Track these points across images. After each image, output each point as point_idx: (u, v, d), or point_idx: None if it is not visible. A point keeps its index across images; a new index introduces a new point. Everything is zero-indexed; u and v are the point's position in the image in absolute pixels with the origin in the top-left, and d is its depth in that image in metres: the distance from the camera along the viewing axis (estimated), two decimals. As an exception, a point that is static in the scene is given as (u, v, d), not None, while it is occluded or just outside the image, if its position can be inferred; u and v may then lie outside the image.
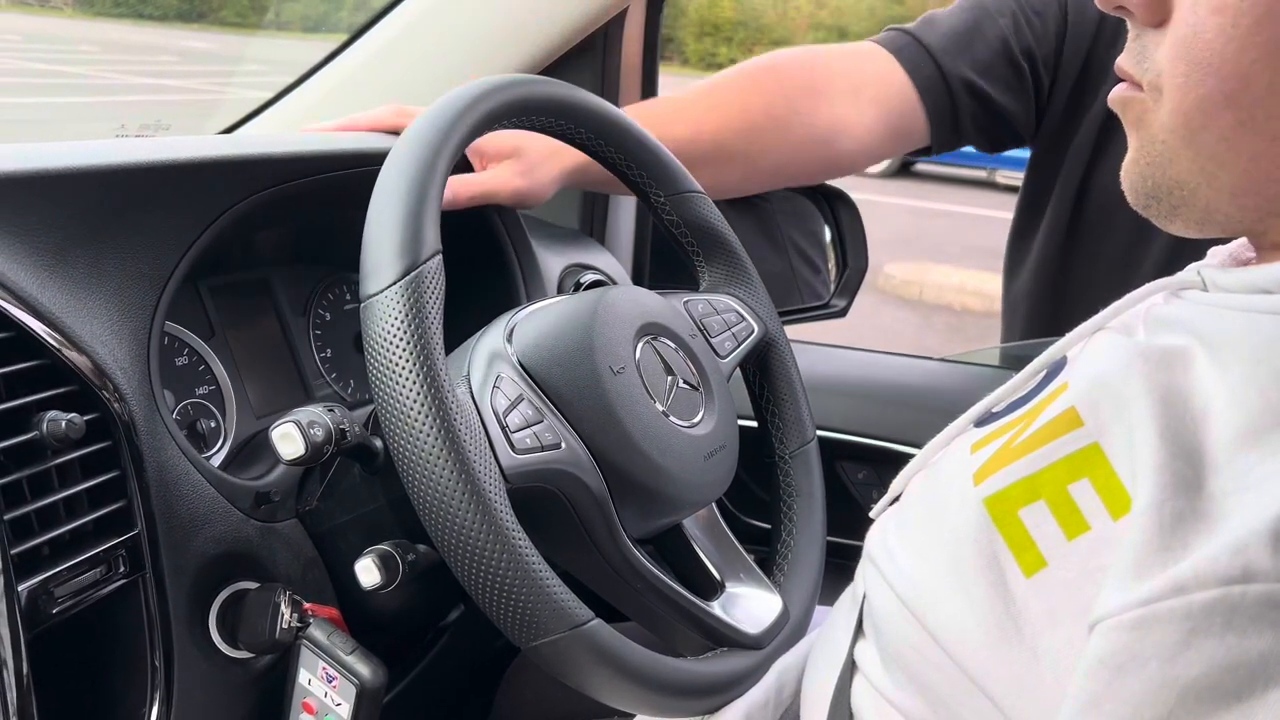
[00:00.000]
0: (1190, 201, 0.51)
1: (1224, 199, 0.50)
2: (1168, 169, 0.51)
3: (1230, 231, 0.53)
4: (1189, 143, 0.50)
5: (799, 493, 0.84)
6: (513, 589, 0.58)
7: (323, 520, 0.78)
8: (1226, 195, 0.50)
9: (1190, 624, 0.39)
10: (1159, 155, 0.52)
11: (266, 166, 0.81)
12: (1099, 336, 0.58)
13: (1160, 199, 0.53)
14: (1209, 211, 0.51)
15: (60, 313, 0.66)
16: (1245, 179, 0.49)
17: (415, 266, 0.61)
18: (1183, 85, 0.49)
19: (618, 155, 0.80)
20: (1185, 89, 0.49)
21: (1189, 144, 0.50)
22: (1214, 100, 0.48)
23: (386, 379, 0.59)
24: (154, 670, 0.68)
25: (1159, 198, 0.53)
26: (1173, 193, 0.52)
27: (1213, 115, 0.48)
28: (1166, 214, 0.53)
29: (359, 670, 0.70)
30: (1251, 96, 0.47)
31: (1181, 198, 0.52)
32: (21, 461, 0.62)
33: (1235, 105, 0.47)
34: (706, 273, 0.86)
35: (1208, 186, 0.50)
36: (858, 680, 0.60)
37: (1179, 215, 0.53)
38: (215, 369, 0.88)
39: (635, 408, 0.69)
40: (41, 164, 0.69)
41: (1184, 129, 0.49)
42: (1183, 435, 0.45)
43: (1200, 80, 0.48)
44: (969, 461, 0.55)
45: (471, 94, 0.69)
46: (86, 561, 0.64)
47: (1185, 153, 0.50)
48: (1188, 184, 0.51)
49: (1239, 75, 0.47)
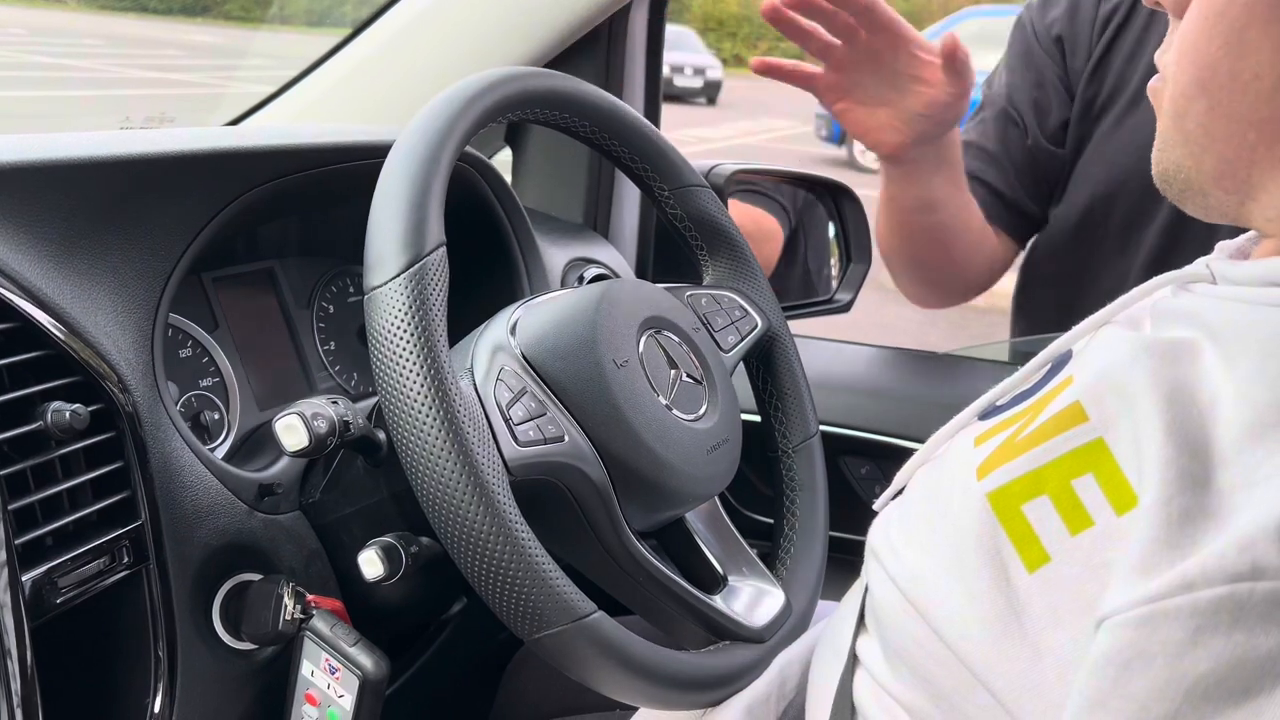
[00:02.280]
0: (1189, 185, 0.54)
1: (1210, 183, 0.53)
2: (1168, 152, 0.55)
3: (1226, 217, 0.55)
4: (1179, 127, 0.53)
5: (802, 487, 0.84)
6: (515, 581, 0.58)
7: (326, 512, 0.78)
8: (1211, 179, 0.53)
9: (1197, 621, 0.39)
10: (1164, 140, 0.55)
11: (271, 159, 0.81)
12: (1105, 330, 0.58)
13: (1170, 182, 0.55)
14: (1204, 195, 0.54)
15: (65, 304, 0.66)
16: (1221, 163, 0.52)
17: (419, 259, 0.61)
18: (1174, 74, 0.53)
19: (621, 149, 0.80)
20: (1176, 77, 0.52)
21: (1179, 128, 0.53)
22: (1192, 86, 0.51)
23: (390, 371, 0.59)
24: (157, 661, 0.69)
25: (1169, 181, 0.55)
26: (1176, 176, 0.55)
27: (1191, 100, 0.52)
28: (1177, 196, 0.56)
29: (362, 662, 0.70)
30: (1218, 83, 0.50)
31: (1184, 181, 0.54)
32: (26, 452, 0.62)
33: (1206, 91, 0.51)
34: (710, 267, 0.86)
35: (1196, 170, 0.53)
36: (860, 674, 0.60)
37: (1186, 199, 0.55)
38: (219, 361, 0.88)
39: (638, 401, 0.69)
40: (46, 155, 0.69)
41: (1174, 114, 0.53)
42: (1190, 430, 0.45)
43: (1184, 68, 0.52)
44: (972, 455, 0.55)
45: (475, 87, 0.69)
46: (90, 552, 0.64)
47: (1177, 137, 0.53)
48: (1184, 166, 0.54)
49: (1208, 63, 0.50)
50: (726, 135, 11.21)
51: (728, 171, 1.18)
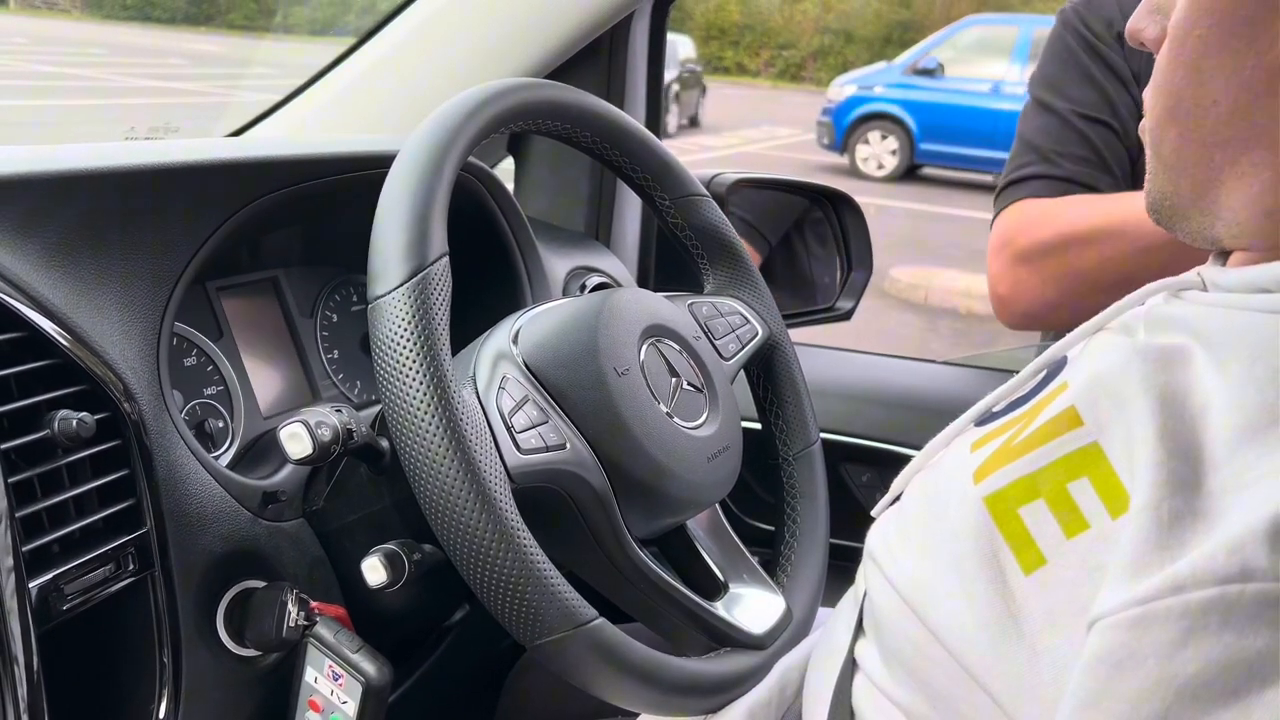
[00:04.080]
0: (1175, 211, 0.55)
1: (1189, 206, 0.54)
2: (1154, 182, 0.56)
3: (1205, 240, 0.56)
4: (1157, 155, 0.55)
5: (802, 494, 0.84)
6: (517, 587, 0.59)
7: (329, 520, 0.79)
8: (1189, 202, 0.54)
9: (1188, 622, 0.40)
10: (1149, 171, 0.56)
11: (275, 169, 0.81)
12: (1099, 336, 0.59)
13: (1159, 211, 0.57)
14: (1186, 219, 0.55)
15: (71, 313, 0.66)
16: (1196, 185, 0.53)
17: (422, 268, 0.61)
18: (1150, 105, 0.55)
19: (623, 159, 0.81)
20: (1150, 108, 0.55)
21: (1157, 156, 0.55)
22: (1164, 116, 0.53)
23: (393, 379, 0.59)
24: (162, 667, 0.69)
25: (1159, 210, 0.57)
26: (1163, 204, 0.56)
27: (1164, 128, 0.54)
28: (1167, 224, 0.57)
29: (365, 668, 0.71)
30: (1184, 110, 0.52)
31: (1169, 208, 0.56)
32: (33, 460, 0.63)
33: (1175, 119, 0.53)
34: (711, 275, 0.87)
35: (1175, 196, 0.55)
36: (858, 678, 0.60)
37: (1175, 226, 0.56)
38: (223, 369, 0.89)
39: (640, 409, 0.69)
40: (53, 166, 0.70)
41: (1153, 145, 0.55)
42: (1181, 434, 0.45)
43: (1156, 99, 0.54)
44: (969, 460, 0.56)
45: (478, 98, 0.69)
46: (96, 559, 0.65)
47: (1159, 165, 0.55)
48: (1168, 195, 0.55)
49: (1174, 92, 0.52)
50: (728, 143, 11.22)
51: (729, 181, 1.19)
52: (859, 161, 9.82)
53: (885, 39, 18.05)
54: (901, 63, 10.39)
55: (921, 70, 9.94)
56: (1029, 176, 1.13)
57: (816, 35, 20.25)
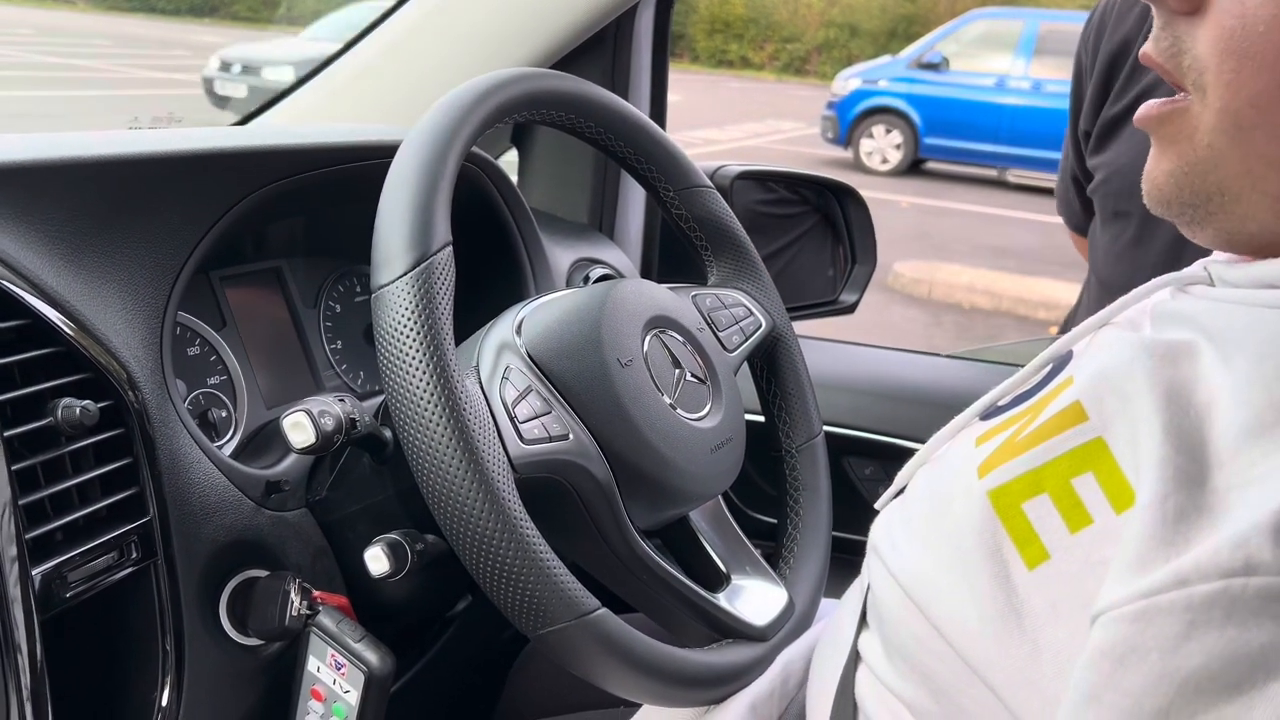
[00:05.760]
0: (1228, 209, 0.50)
1: (1265, 204, 0.49)
2: (1210, 174, 0.50)
3: (1253, 248, 0.51)
4: (1238, 142, 0.48)
5: (805, 487, 0.84)
6: (520, 577, 0.59)
7: (332, 509, 0.79)
8: (1269, 200, 0.48)
9: (1191, 616, 0.40)
10: (1202, 161, 0.50)
11: (279, 158, 0.81)
12: (1105, 331, 0.58)
13: (1197, 206, 0.51)
14: (1243, 220, 0.50)
15: (75, 301, 0.66)
16: None
17: (426, 258, 0.61)
18: (1233, 82, 0.47)
19: (627, 149, 0.80)
20: (1236, 86, 0.47)
21: (1238, 143, 0.48)
22: (1269, 95, 0.46)
23: (396, 369, 0.59)
24: (165, 655, 0.69)
25: (1196, 205, 0.51)
26: (1211, 199, 0.50)
27: (1266, 111, 0.46)
28: (1200, 221, 0.52)
29: (367, 658, 0.71)
30: None
31: (1220, 204, 0.50)
32: (36, 447, 0.63)
33: None
34: (715, 267, 0.87)
35: (1252, 190, 0.48)
36: (861, 671, 0.60)
37: (1211, 223, 0.51)
38: (227, 359, 0.89)
39: (643, 400, 0.69)
40: (56, 154, 0.70)
41: (1234, 128, 0.48)
42: (1186, 430, 0.45)
43: (1254, 75, 0.46)
44: (973, 455, 0.56)
45: (482, 87, 0.69)
46: (99, 547, 0.65)
47: (1233, 154, 0.48)
48: (1230, 189, 0.49)
49: None
50: (733, 136, 11.21)
51: (733, 173, 1.18)
52: (863, 156, 9.79)
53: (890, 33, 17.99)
54: (906, 57, 10.35)
55: (926, 64, 9.91)
56: None
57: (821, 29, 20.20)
